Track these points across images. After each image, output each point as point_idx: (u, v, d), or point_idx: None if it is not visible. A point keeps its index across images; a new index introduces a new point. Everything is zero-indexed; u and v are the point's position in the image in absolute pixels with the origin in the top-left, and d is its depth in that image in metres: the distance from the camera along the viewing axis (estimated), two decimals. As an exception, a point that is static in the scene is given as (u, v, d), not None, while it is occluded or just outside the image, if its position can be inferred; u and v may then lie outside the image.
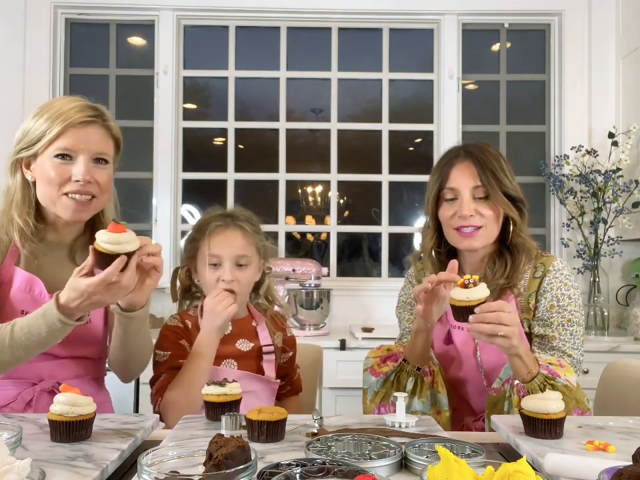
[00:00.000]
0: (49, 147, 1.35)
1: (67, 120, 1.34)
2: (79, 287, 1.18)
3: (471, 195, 1.49)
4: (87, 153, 1.37)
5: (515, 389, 1.34)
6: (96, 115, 1.39)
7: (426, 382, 1.47)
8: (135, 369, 1.47)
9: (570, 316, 1.48)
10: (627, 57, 3.05)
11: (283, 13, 3.27)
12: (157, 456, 0.84)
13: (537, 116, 3.34)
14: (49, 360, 1.39)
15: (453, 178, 1.52)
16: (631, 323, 2.86)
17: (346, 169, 3.35)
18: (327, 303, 2.90)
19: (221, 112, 3.35)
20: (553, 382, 1.32)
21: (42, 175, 1.37)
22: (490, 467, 0.71)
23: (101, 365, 1.53)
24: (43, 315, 1.22)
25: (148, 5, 3.23)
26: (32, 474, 0.77)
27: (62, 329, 1.22)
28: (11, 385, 1.38)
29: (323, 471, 0.78)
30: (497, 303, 1.26)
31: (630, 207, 2.90)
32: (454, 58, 3.28)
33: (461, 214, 1.48)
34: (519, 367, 1.32)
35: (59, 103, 1.39)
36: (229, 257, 1.50)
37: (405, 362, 1.49)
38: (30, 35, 3.15)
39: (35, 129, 1.36)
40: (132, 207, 3.26)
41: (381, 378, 1.49)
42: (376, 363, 1.52)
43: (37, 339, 1.22)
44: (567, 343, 1.47)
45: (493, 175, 1.49)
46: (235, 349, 1.54)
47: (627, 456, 0.86)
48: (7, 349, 1.23)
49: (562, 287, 1.49)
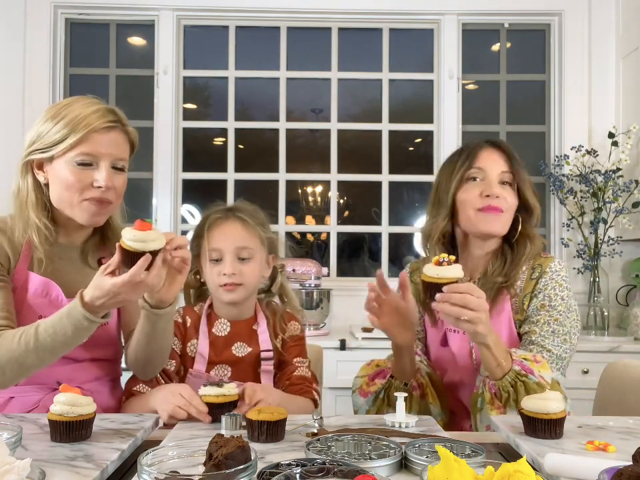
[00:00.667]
0: (69, 152, 1.32)
1: (89, 125, 1.31)
2: (104, 286, 1.18)
3: (499, 180, 1.49)
4: (108, 158, 1.35)
5: (487, 386, 1.33)
6: (116, 119, 1.37)
7: (415, 396, 1.46)
8: (156, 366, 1.44)
9: (558, 315, 1.45)
10: (627, 57, 3.05)
11: (283, 13, 3.27)
12: (156, 456, 0.84)
13: (537, 116, 3.34)
14: (68, 364, 1.38)
15: (481, 159, 1.51)
16: (631, 323, 2.86)
17: (346, 169, 3.35)
18: (327, 303, 2.90)
19: (220, 112, 3.35)
20: (525, 379, 1.29)
21: (59, 178, 1.34)
22: (490, 467, 0.71)
23: (117, 366, 1.53)
24: (67, 314, 1.21)
25: (148, 5, 3.23)
26: (32, 474, 0.77)
27: (88, 327, 1.21)
28: (32, 391, 1.37)
29: (322, 470, 0.78)
30: (466, 285, 1.22)
31: (630, 206, 2.90)
32: (454, 58, 3.28)
33: (490, 192, 1.46)
34: (487, 358, 1.30)
35: (78, 105, 1.35)
36: (229, 250, 1.44)
37: (393, 378, 1.47)
38: (30, 35, 3.15)
39: (54, 132, 1.32)
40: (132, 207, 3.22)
41: (370, 397, 1.48)
42: (364, 383, 1.50)
43: (62, 339, 1.21)
44: (547, 339, 1.43)
45: (518, 164, 1.52)
46: (231, 353, 1.48)
47: (627, 456, 0.86)
48: (31, 351, 1.22)
49: (556, 287, 1.47)
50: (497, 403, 1.32)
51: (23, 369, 1.24)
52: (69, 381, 1.36)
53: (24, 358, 1.22)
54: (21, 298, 1.35)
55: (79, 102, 1.37)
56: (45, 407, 1.35)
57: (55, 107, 1.38)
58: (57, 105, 1.38)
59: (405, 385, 1.46)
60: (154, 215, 3.24)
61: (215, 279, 1.45)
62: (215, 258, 1.46)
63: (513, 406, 1.29)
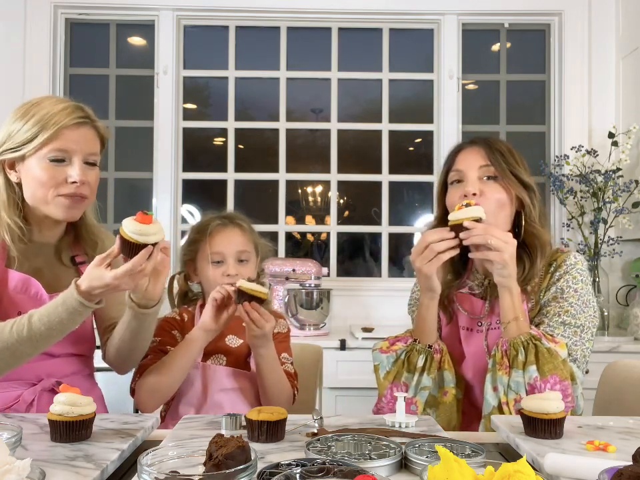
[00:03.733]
0: (41, 149, 1.34)
1: (59, 122, 1.34)
2: (103, 278, 1.21)
3: (479, 177, 1.46)
4: (80, 154, 1.37)
5: (499, 345, 1.35)
6: (85, 115, 1.40)
7: (435, 359, 1.46)
8: (134, 361, 1.49)
9: (569, 307, 1.41)
10: (627, 57, 3.05)
11: (283, 13, 3.27)
12: (156, 456, 0.84)
13: (537, 116, 3.34)
14: (46, 359, 1.41)
15: (459, 161, 1.50)
16: (631, 323, 2.86)
17: (346, 169, 3.35)
18: (327, 302, 2.90)
19: (220, 112, 3.35)
20: (538, 342, 1.31)
21: (32, 177, 1.36)
22: (490, 467, 0.71)
23: (92, 361, 1.57)
24: (62, 303, 1.24)
25: (148, 5, 3.23)
26: (32, 474, 0.77)
27: (83, 312, 1.25)
28: (10, 387, 1.38)
29: (322, 470, 0.78)
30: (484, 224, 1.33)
31: (630, 206, 2.90)
32: (454, 58, 3.28)
33: (464, 191, 1.44)
34: (507, 305, 1.35)
35: (46, 104, 1.37)
36: (231, 253, 1.57)
37: (415, 342, 1.48)
38: (30, 35, 3.15)
39: (25, 131, 1.34)
40: (132, 207, 3.25)
41: (391, 355, 1.48)
42: (385, 345, 1.51)
43: (58, 326, 1.24)
44: (556, 330, 1.40)
45: (501, 155, 1.47)
46: (224, 344, 1.58)
47: (627, 456, 0.86)
48: (25, 340, 1.24)
49: (569, 280, 1.44)
50: (505, 362, 1.33)
51: (15, 357, 1.27)
52: (48, 376, 1.40)
53: (17, 346, 1.24)
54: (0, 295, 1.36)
55: (47, 100, 1.39)
56: (26, 402, 1.37)
57: (23, 106, 1.39)
58: (25, 105, 1.40)
59: (429, 348, 1.47)
60: (154, 214, 3.22)
61: (218, 279, 1.55)
62: (217, 260, 1.57)
63: (519, 367, 1.31)
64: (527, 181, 1.48)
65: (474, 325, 1.52)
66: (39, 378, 1.40)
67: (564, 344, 1.35)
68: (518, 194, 1.46)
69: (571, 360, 1.39)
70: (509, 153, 1.48)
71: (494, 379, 1.35)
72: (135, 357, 1.47)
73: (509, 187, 1.45)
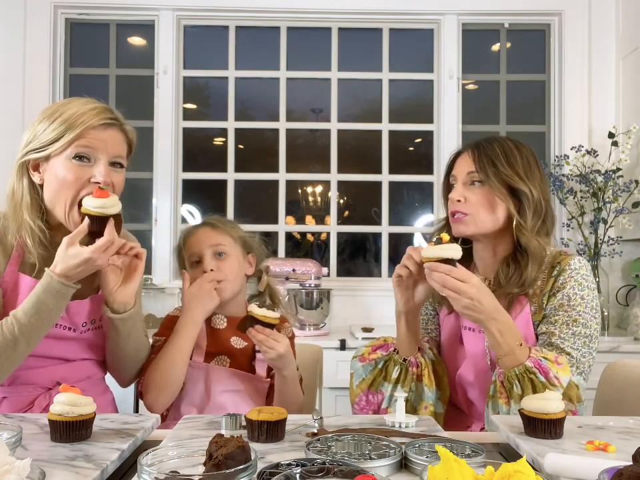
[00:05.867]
0: (66, 149, 1.30)
1: (86, 122, 1.30)
2: (82, 254, 1.24)
3: (465, 182, 1.49)
4: (105, 155, 1.34)
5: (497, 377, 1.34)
6: (113, 117, 1.36)
7: (410, 373, 1.46)
8: (128, 373, 1.48)
9: (577, 316, 1.41)
10: (627, 57, 3.05)
11: (283, 13, 3.27)
12: (156, 456, 0.84)
13: (537, 116, 3.34)
14: (61, 364, 1.40)
15: (455, 166, 1.55)
16: (631, 323, 2.86)
17: (346, 169, 3.35)
18: (327, 302, 2.90)
19: (221, 112, 3.35)
20: (533, 376, 1.29)
21: (55, 176, 1.32)
22: (490, 467, 0.71)
23: (104, 365, 1.55)
24: (44, 291, 1.25)
25: (148, 5, 3.23)
26: (32, 474, 0.77)
27: (65, 294, 1.26)
28: (25, 392, 1.37)
29: (322, 470, 0.78)
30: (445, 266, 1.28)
31: (630, 206, 2.90)
32: (454, 58, 3.28)
33: (450, 197, 1.50)
34: (493, 343, 1.34)
35: (74, 104, 1.34)
36: (205, 250, 1.55)
37: (395, 352, 1.49)
38: (30, 35, 3.15)
39: (51, 130, 1.31)
40: (132, 207, 3.25)
41: (368, 364, 1.49)
42: (367, 351, 1.53)
43: (47, 315, 1.25)
44: (567, 341, 1.40)
45: (490, 161, 1.46)
46: (230, 344, 1.56)
47: (627, 456, 0.86)
48: (19, 337, 1.24)
49: (575, 286, 1.43)
50: (504, 392, 1.32)
51: (11, 359, 1.26)
52: (63, 380, 1.38)
53: (13, 345, 1.24)
54: (10, 301, 1.33)
55: (75, 101, 1.37)
56: (40, 407, 1.35)
57: (51, 107, 1.37)
58: (53, 105, 1.38)
59: (404, 361, 1.47)
60: (154, 214, 3.24)
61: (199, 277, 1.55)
62: (195, 260, 1.57)
63: (517, 400, 1.28)
64: (519, 187, 1.45)
65: (476, 325, 1.52)
66: (54, 383, 1.39)
67: (566, 365, 1.33)
68: (503, 200, 1.45)
69: (578, 373, 1.40)
70: (502, 157, 1.47)
71: (495, 405, 1.34)
72: (127, 366, 1.46)
73: (494, 191, 1.46)
